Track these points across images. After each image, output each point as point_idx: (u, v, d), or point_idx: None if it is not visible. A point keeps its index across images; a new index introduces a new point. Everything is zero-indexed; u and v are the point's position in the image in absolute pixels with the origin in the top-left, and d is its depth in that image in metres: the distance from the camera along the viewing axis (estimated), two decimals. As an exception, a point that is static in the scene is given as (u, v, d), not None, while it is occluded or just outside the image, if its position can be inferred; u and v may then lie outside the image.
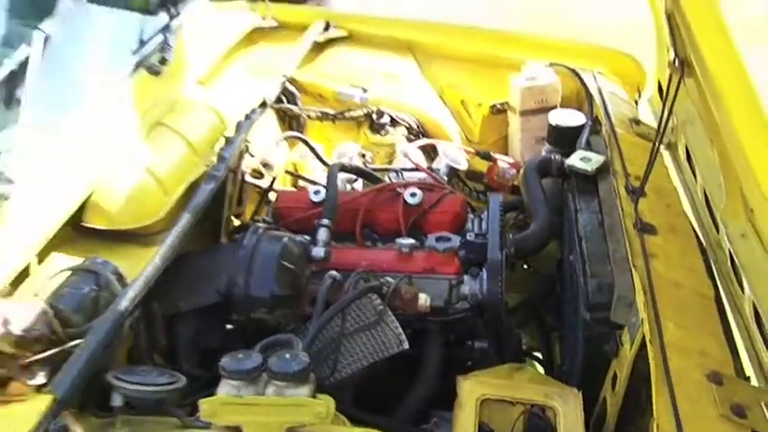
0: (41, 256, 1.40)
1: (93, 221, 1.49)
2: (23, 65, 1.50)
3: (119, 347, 1.24)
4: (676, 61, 1.46)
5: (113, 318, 1.20)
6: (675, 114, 1.73)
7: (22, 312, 1.14)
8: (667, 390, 1.16)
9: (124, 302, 1.21)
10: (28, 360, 1.09)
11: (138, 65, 1.82)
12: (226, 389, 1.11)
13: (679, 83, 1.50)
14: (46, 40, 1.53)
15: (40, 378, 1.09)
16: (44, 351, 1.13)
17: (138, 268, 1.36)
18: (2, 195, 1.34)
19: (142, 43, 1.86)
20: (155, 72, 1.82)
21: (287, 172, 1.95)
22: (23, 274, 1.34)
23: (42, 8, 1.69)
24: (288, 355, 1.11)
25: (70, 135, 1.56)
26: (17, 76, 1.51)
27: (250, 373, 1.11)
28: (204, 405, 1.08)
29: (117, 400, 1.08)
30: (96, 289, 1.29)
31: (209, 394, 1.13)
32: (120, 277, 1.32)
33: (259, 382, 1.12)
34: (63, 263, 1.36)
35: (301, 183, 1.91)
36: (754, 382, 1.24)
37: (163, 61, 1.87)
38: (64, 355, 1.13)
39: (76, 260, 1.34)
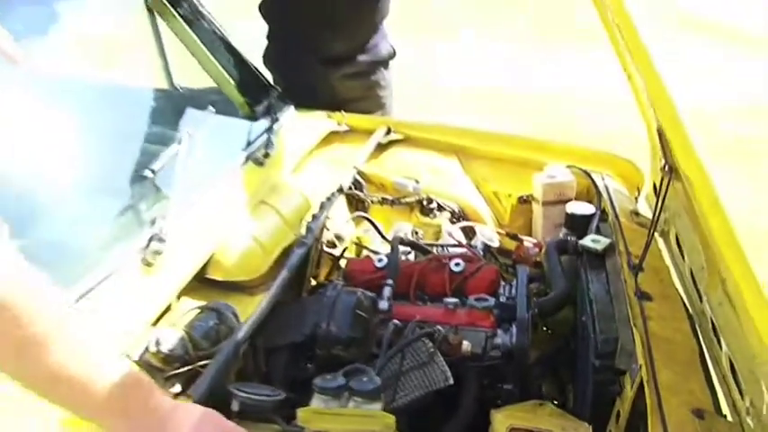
0: (179, 297, 1.47)
1: (214, 274, 1.58)
2: (173, 157, 1.62)
3: (233, 369, 1.30)
4: (666, 167, 1.52)
5: (233, 345, 1.29)
6: (666, 209, 1.75)
7: (167, 336, 1.24)
8: (660, 423, 1.18)
9: (240, 334, 1.30)
10: (169, 374, 1.20)
11: (248, 158, 1.91)
12: (316, 402, 1.19)
13: (669, 184, 1.55)
14: (190, 138, 1.64)
15: (177, 388, 1.18)
16: (181, 368, 1.22)
17: (247, 311, 1.42)
18: (157, 251, 1.45)
19: (250, 143, 1.96)
20: (259, 163, 1.92)
21: (354, 243, 1.99)
22: (167, 310, 1.43)
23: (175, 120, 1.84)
24: (365, 378, 1.19)
25: (202, 209, 1.66)
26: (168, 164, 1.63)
27: (335, 391, 1.18)
28: (300, 413, 1.16)
29: (235, 406, 1.15)
30: (218, 323, 1.37)
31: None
32: (236, 316, 1.39)
33: (342, 398, 1.18)
34: (193, 303, 1.45)
35: (365, 252, 1.94)
36: (729, 418, 1.27)
37: (266, 155, 1.95)
38: (194, 372, 1.22)
39: (202, 302, 1.43)
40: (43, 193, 1.50)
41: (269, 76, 2.50)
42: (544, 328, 1.71)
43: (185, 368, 1.24)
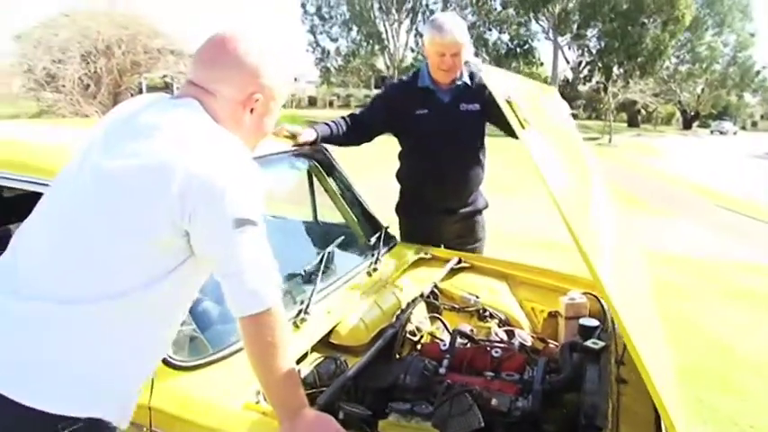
0: (312, 350, 1.64)
1: (334, 339, 1.74)
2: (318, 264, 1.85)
3: (341, 394, 1.44)
4: None
5: (343, 379, 1.45)
6: None
7: (303, 371, 1.45)
8: None
9: (349, 374, 1.48)
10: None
11: (363, 271, 2.11)
12: (392, 418, 1.36)
13: None
14: (328, 254, 1.97)
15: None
16: (309, 390, 1.38)
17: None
18: (303, 319, 1.65)
19: (364, 261, 2.18)
20: (369, 275, 2.12)
21: (429, 335, 2.07)
22: (304, 356, 1.60)
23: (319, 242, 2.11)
24: (423, 406, 1.39)
25: (332, 299, 1.84)
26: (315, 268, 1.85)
27: (405, 412, 1.37)
28: (381, 424, 1.34)
29: (341, 416, 1.32)
30: (335, 367, 1.55)
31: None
32: (346, 364, 1.57)
33: (410, 418, 1.36)
34: (320, 355, 1.63)
35: (436, 340, 2.01)
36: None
37: (374, 270, 2.14)
38: (317, 393, 1.39)
39: (326, 354, 1.62)
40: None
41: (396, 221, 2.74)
42: (563, 410, 1.66)
43: (312, 390, 1.41)
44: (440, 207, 2.67)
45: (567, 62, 43.03)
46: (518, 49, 42.30)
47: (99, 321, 1.07)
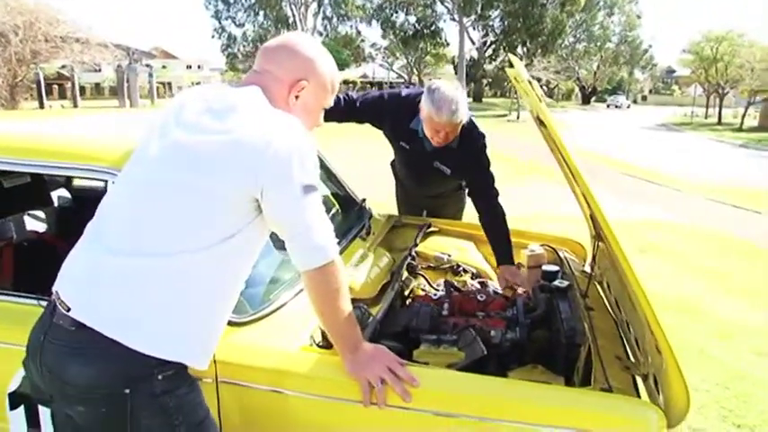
0: None
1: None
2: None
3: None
4: (596, 234, 1.94)
5: (375, 322, 1.66)
6: (598, 264, 2.18)
7: None
8: (600, 365, 1.47)
9: (378, 317, 1.69)
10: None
11: (357, 236, 2.28)
12: (423, 347, 1.61)
13: (598, 246, 2.02)
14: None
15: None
16: None
17: (371, 311, 1.78)
18: None
19: (356, 228, 2.33)
20: (363, 239, 2.30)
21: (418, 288, 2.28)
22: None
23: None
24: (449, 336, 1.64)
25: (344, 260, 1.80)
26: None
27: (434, 342, 1.63)
28: (416, 353, 1.59)
29: None
30: (360, 314, 1.67)
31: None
32: (368, 310, 1.75)
33: (438, 346, 1.61)
34: None
35: (422, 292, 2.21)
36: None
37: (367, 234, 2.36)
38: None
39: None
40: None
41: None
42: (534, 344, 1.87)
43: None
44: (414, 194, 2.95)
45: (473, 42, 44.22)
46: (425, 30, 42.95)
47: (184, 272, 1.20)
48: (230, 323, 1.50)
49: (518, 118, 28.49)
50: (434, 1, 41.69)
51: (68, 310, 1.19)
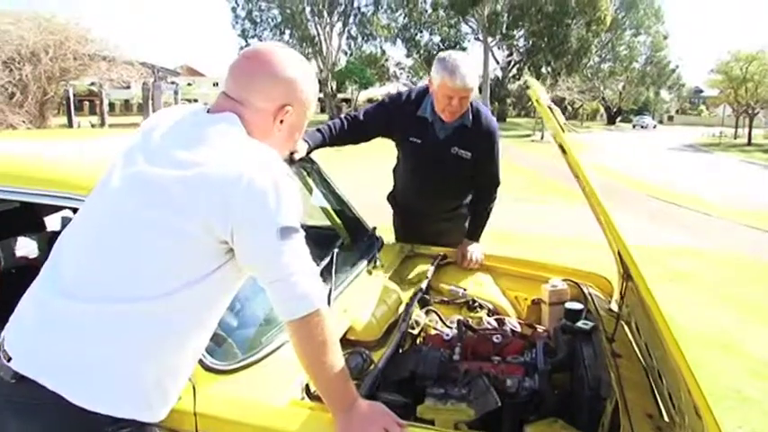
0: None
1: (351, 336, 1.78)
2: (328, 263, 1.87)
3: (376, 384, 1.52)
4: (624, 274, 1.80)
5: (377, 371, 1.55)
6: (628, 304, 2.01)
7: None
8: (627, 423, 1.36)
9: (380, 366, 1.57)
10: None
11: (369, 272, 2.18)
12: (428, 402, 1.46)
13: (627, 286, 1.86)
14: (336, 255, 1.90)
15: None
16: None
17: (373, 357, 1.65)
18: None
19: (364, 260, 2.21)
20: (369, 273, 2.18)
21: (430, 326, 2.11)
22: None
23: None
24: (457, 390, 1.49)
25: (344, 298, 1.88)
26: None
27: (441, 397, 1.48)
28: (420, 409, 1.44)
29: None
30: (361, 361, 1.61)
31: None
32: (371, 358, 1.64)
33: (445, 401, 1.47)
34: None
35: (433, 331, 2.06)
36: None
37: (374, 267, 2.22)
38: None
39: (347, 350, 1.61)
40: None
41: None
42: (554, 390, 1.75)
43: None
44: (421, 212, 2.76)
45: (497, 62, 44.31)
46: (449, 50, 42.99)
47: (142, 320, 1.08)
48: (216, 371, 1.38)
49: (542, 138, 28.24)
50: (459, 21, 41.82)
51: (9, 359, 1.09)
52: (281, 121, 1.24)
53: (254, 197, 1.07)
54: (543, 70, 39.10)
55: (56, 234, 2.45)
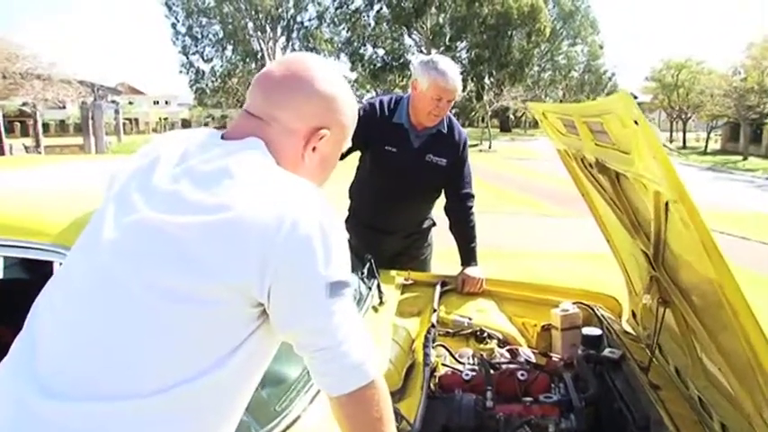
0: None
1: None
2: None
3: None
4: (661, 300, 1.68)
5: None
6: (642, 324, 1.95)
7: None
8: None
9: (416, 427, 1.41)
10: None
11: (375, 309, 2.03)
12: None
13: (665, 312, 1.72)
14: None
15: None
16: None
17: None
18: None
19: (365, 297, 2.06)
20: (375, 310, 2.04)
21: (441, 364, 1.94)
22: None
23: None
24: None
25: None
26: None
27: None
28: None
29: None
30: (398, 421, 1.30)
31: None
32: (401, 416, 1.42)
33: None
34: None
35: (445, 369, 1.89)
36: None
37: (380, 304, 2.09)
38: None
39: None
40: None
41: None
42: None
43: None
44: (384, 228, 2.68)
45: (441, 74, 44.78)
46: (393, 63, 43.54)
47: (151, 420, 0.84)
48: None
49: (490, 147, 28.73)
50: (403, 34, 42.31)
51: None
52: (314, 149, 1.02)
53: (299, 246, 0.85)
54: (486, 81, 39.94)
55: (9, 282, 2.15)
